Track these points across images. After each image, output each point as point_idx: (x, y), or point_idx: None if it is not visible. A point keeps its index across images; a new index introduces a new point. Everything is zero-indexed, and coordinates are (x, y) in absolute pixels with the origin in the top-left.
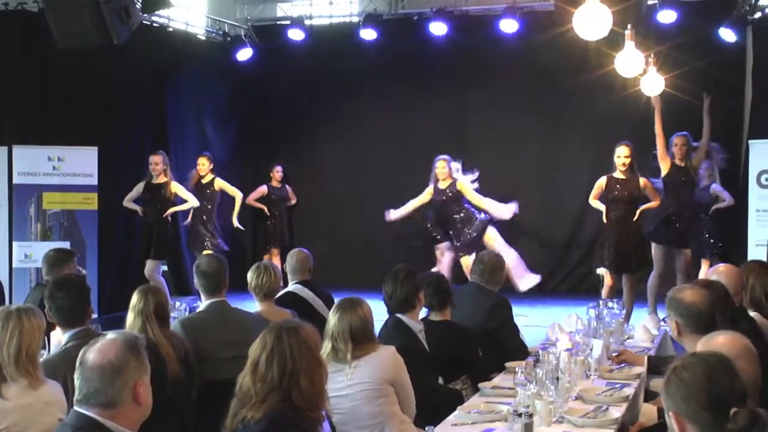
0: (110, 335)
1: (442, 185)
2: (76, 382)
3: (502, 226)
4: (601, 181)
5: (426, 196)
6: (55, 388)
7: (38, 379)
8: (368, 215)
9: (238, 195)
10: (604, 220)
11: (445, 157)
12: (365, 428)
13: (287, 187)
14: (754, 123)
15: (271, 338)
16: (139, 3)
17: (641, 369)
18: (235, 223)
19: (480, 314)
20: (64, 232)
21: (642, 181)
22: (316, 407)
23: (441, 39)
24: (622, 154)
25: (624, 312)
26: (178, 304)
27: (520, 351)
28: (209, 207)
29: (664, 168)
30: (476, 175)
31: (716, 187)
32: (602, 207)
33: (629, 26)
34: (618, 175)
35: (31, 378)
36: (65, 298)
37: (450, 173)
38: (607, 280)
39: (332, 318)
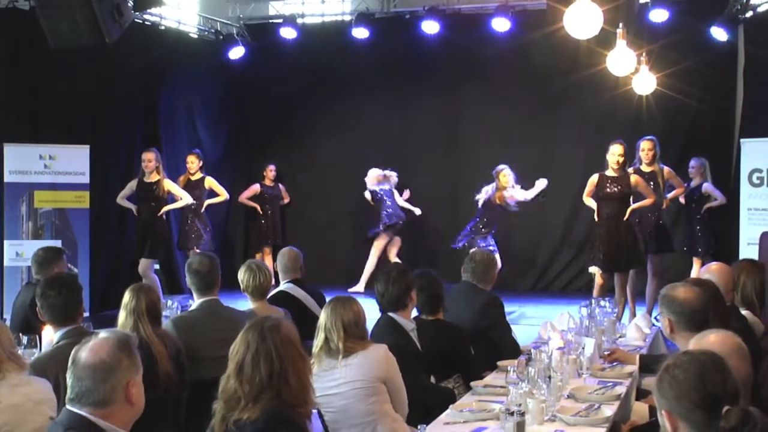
0: (103, 334)
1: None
2: (69, 381)
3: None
4: (594, 179)
5: None
6: (44, 387)
7: (24, 365)
8: (361, 214)
9: (224, 195)
10: (596, 218)
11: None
12: (357, 427)
13: (280, 186)
14: (745, 122)
15: (254, 338)
16: (130, 1)
17: (633, 367)
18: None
19: (472, 313)
20: (56, 231)
21: (633, 178)
22: (304, 402)
23: (433, 37)
24: (616, 152)
25: (616, 311)
26: (170, 302)
27: (513, 349)
28: (198, 205)
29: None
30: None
31: (708, 186)
32: (595, 205)
33: (620, 25)
34: (610, 173)
35: (20, 362)
36: (57, 297)
37: None
38: (598, 279)
39: (324, 312)
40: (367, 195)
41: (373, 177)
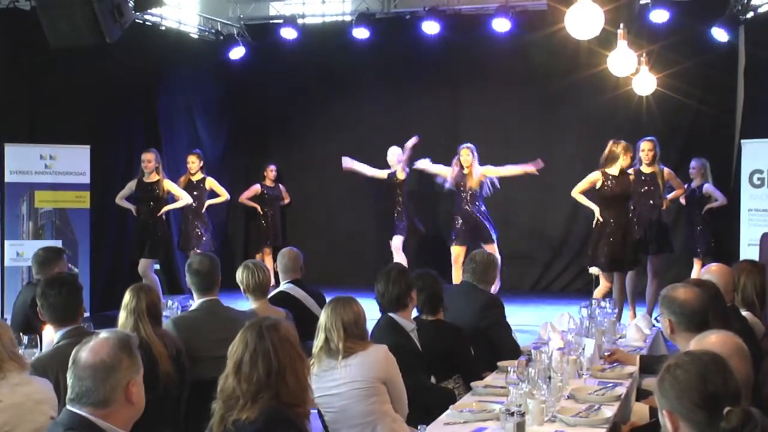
0: (103, 334)
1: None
2: (69, 381)
3: (495, 224)
4: (596, 176)
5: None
6: (44, 386)
7: (25, 365)
8: (361, 214)
9: (224, 196)
10: (599, 218)
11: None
12: (357, 427)
13: (281, 186)
14: (746, 123)
15: (252, 337)
16: (131, 1)
17: (633, 368)
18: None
19: (472, 313)
20: (56, 231)
21: (631, 178)
22: (302, 402)
23: (434, 38)
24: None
25: (616, 311)
26: (170, 302)
27: (513, 350)
28: (198, 205)
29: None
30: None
31: (709, 187)
32: (589, 203)
33: (621, 25)
34: (612, 171)
35: (21, 362)
36: (57, 296)
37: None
38: (604, 282)
39: (324, 312)
40: (405, 172)
41: (396, 156)
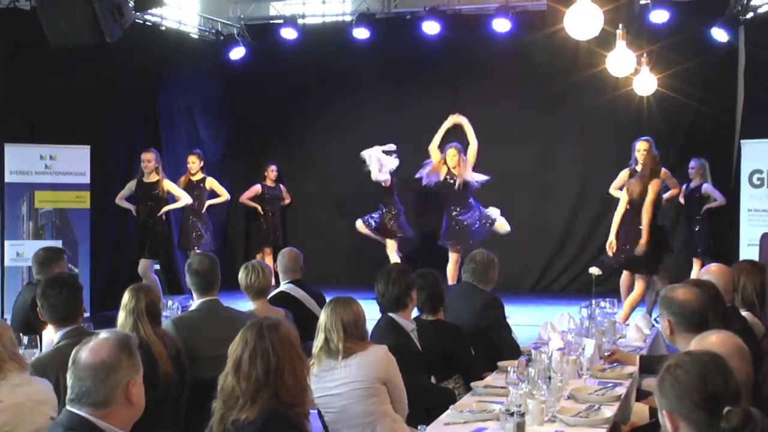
0: (103, 334)
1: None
2: (69, 381)
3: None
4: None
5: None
6: (45, 387)
7: (26, 365)
8: (361, 214)
9: (225, 196)
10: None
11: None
12: (357, 427)
13: (281, 186)
14: (746, 123)
15: (252, 336)
16: (131, 1)
17: (633, 368)
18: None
19: (472, 313)
20: (56, 231)
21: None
22: (302, 402)
23: (434, 38)
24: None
25: (616, 311)
26: (170, 302)
27: (513, 350)
28: (199, 205)
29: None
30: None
31: (708, 187)
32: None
33: (620, 26)
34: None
35: (21, 362)
36: (57, 297)
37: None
38: (642, 284)
39: (324, 312)
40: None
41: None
